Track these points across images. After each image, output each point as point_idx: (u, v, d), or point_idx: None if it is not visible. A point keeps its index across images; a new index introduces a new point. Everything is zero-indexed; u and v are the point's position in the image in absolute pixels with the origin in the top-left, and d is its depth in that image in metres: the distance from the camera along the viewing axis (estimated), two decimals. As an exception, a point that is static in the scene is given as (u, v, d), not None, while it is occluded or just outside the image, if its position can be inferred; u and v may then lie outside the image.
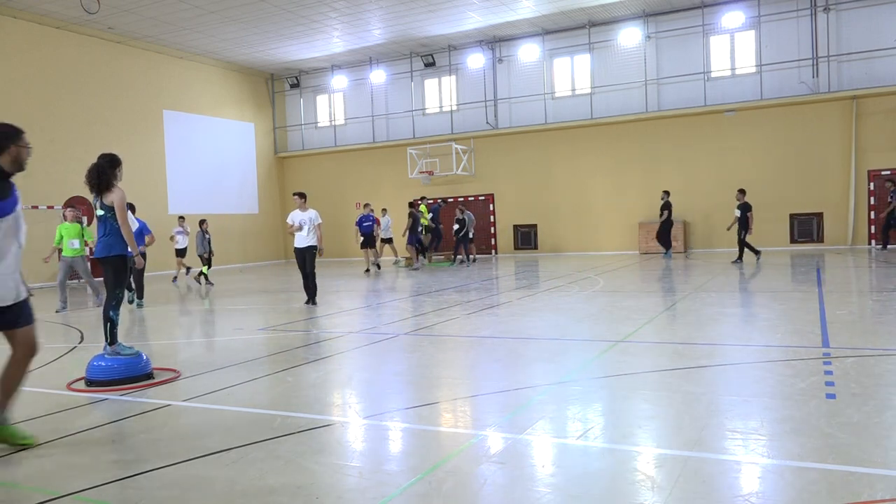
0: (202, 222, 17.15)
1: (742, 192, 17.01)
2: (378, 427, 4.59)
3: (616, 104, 22.40)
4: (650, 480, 3.40)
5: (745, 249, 16.87)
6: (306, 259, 11.38)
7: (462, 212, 20.27)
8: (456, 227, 20.19)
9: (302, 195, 11.56)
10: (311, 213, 11.39)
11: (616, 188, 22.56)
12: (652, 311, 9.20)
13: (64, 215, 13.11)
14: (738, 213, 16.75)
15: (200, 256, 16.93)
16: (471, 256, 21.14)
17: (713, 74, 21.32)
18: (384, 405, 5.13)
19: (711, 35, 21.21)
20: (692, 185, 21.29)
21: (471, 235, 20.85)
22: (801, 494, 3.15)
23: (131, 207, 11.32)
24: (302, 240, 11.29)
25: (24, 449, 4.29)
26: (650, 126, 22.00)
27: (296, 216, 11.35)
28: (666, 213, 19.46)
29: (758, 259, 16.93)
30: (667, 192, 19.75)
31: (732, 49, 21.12)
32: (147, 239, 12.28)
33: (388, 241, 21.28)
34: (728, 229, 17.34)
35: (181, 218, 18.33)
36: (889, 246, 18.63)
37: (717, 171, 21.18)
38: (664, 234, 19.67)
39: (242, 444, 4.16)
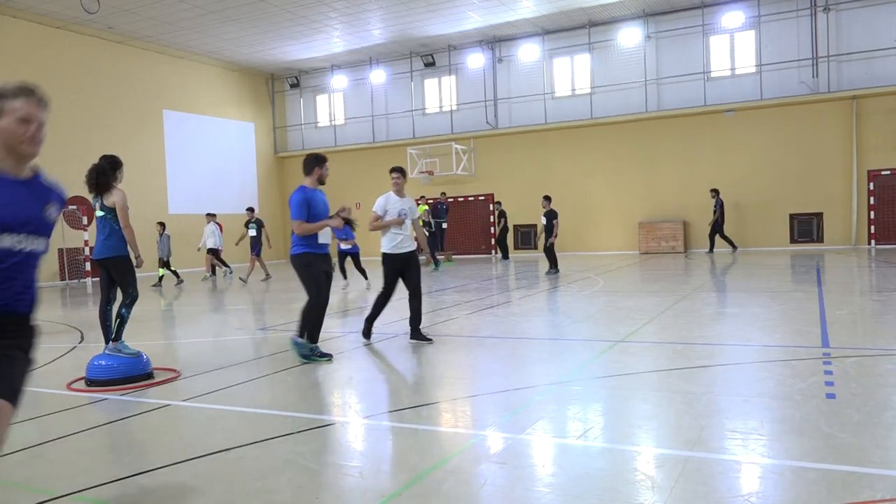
0: (160, 224, 17.43)
1: (547, 198, 16.06)
2: (378, 427, 4.59)
3: (616, 104, 22.40)
4: (650, 480, 3.40)
5: (553, 257, 16.05)
6: (411, 271, 7.50)
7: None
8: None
9: (402, 171, 7.67)
10: (411, 202, 7.72)
11: (616, 188, 22.55)
12: (652, 311, 9.20)
13: None
14: (544, 220, 15.88)
15: (161, 259, 17.15)
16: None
17: (713, 74, 21.32)
18: (384, 405, 5.13)
19: (711, 35, 21.21)
20: (692, 186, 21.29)
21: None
22: (801, 494, 3.16)
23: None
24: (403, 240, 7.49)
25: (32, 447, 4.29)
26: (650, 126, 22.00)
27: (392, 203, 7.51)
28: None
29: (556, 272, 15.90)
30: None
31: (732, 49, 21.12)
32: None
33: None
34: (538, 238, 16.19)
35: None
36: (715, 249, 19.99)
37: (716, 172, 21.17)
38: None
39: (242, 444, 4.16)
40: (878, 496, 3.08)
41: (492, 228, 23.80)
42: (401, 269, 7.49)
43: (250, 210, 19.02)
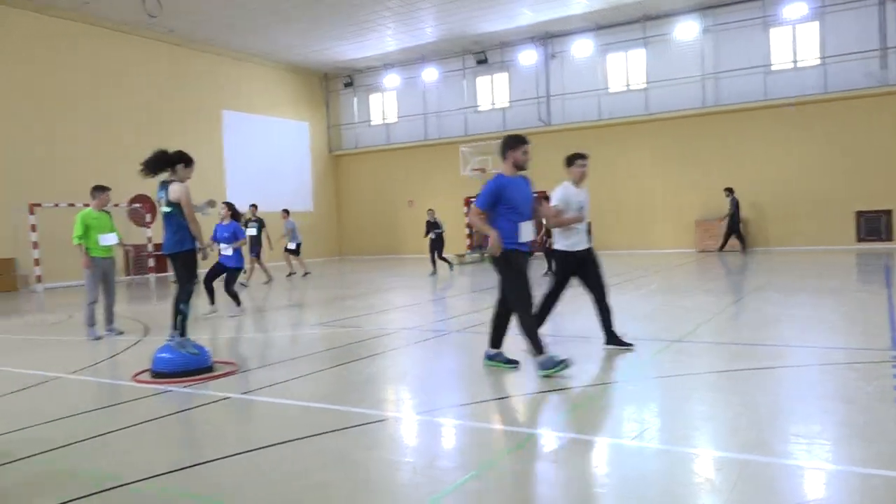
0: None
1: (429, 211, 17.65)
2: (431, 423, 4.62)
3: (672, 99, 21.95)
4: (708, 483, 3.34)
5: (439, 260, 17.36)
6: (590, 269, 6.76)
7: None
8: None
9: (584, 156, 6.77)
10: (587, 192, 6.87)
11: (672, 185, 22.12)
12: (710, 311, 9.00)
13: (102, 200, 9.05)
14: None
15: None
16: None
17: (774, 67, 20.68)
18: (437, 401, 5.17)
19: (772, 27, 20.57)
20: (751, 182, 20.70)
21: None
22: (865, 501, 3.05)
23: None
24: (581, 237, 6.71)
25: (107, 433, 4.48)
26: (707, 121, 21.49)
27: (573, 194, 6.66)
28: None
29: (437, 270, 17.13)
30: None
31: (794, 41, 20.45)
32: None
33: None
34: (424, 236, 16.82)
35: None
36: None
37: (777, 167, 20.54)
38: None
39: (298, 438, 4.25)
40: (951, 506, 2.96)
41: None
42: (576, 268, 6.72)
43: (253, 206, 17.15)
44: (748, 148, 20.99)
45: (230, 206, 11.23)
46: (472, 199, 23.97)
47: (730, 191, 19.77)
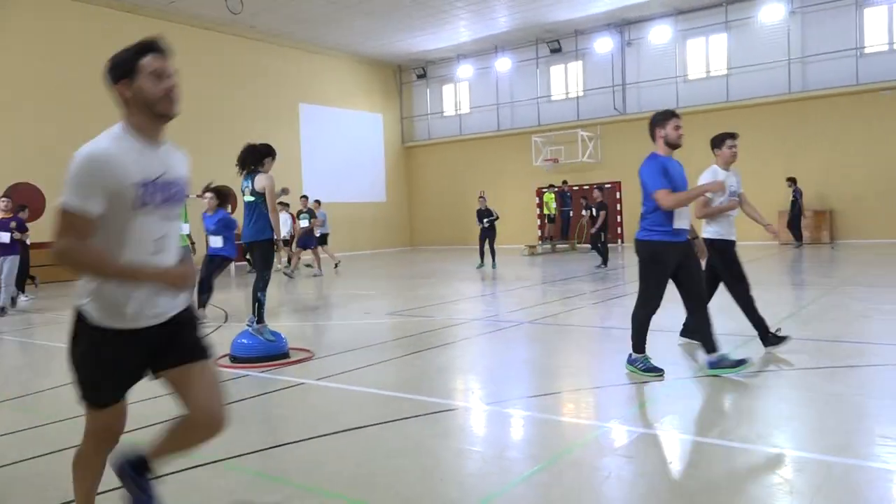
0: None
1: (480, 199, 17.40)
2: (500, 414, 4.62)
3: (755, 85, 21.07)
4: (788, 485, 3.22)
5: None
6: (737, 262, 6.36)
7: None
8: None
9: (735, 136, 6.50)
10: (738, 173, 6.64)
11: (754, 175, 21.17)
12: (793, 305, 8.64)
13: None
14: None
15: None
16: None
17: (867, 50, 19.55)
18: (507, 392, 5.16)
19: (866, 7, 19.44)
20: (841, 172, 19.68)
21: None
22: (965, 511, 2.87)
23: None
24: (731, 226, 6.44)
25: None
26: (794, 108, 20.53)
27: (721, 179, 6.20)
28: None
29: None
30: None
31: (891, 21, 19.27)
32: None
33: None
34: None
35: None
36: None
37: (870, 157, 19.43)
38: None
39: (371, 424, 4.33)
40: None
41: (619, 217, 23.25)
42: (731, 256, 6.27)
43: (304, 198, 17.45)
44: (838, 137, 19.94)
45: (219, 192, 9.36)
46: (544, 190, 23.86)
47: (792, 181, 18.93)
